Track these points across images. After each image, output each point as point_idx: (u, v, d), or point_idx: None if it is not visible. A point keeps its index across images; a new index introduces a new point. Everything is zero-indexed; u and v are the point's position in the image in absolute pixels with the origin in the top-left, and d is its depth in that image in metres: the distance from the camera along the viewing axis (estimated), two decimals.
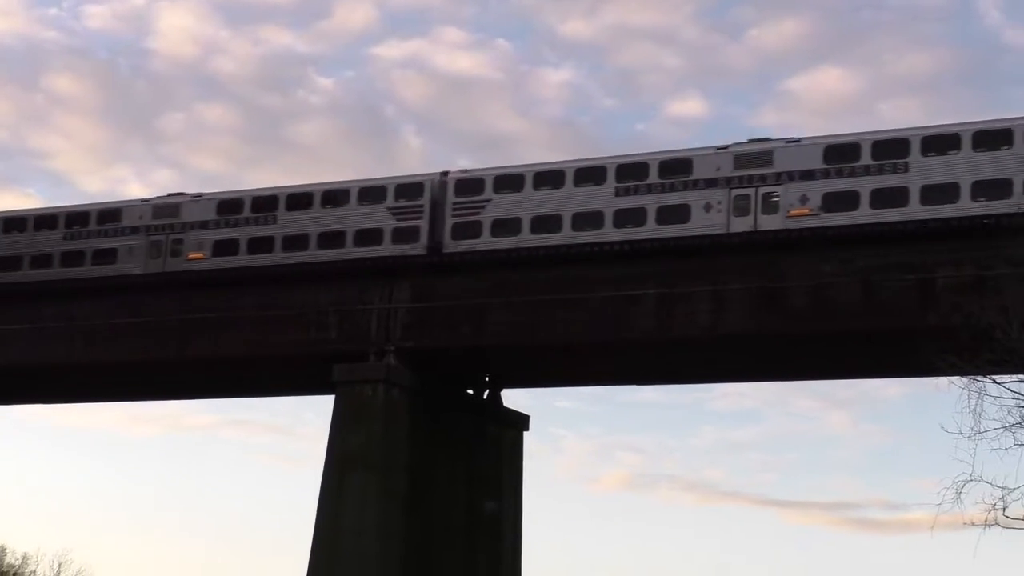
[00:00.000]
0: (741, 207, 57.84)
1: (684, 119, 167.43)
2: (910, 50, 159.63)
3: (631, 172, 60.15)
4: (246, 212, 67.57)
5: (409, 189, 64.57)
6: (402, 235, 63.83)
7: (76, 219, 71.83)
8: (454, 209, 63.23)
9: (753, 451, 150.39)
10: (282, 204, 66.98)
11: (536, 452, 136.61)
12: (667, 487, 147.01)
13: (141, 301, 68.44)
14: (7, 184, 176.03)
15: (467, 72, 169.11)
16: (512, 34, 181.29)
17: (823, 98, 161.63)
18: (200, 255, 67.80)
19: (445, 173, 64.52)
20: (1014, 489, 39.46)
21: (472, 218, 62.67)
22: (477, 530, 66.67)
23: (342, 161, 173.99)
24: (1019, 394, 40.32)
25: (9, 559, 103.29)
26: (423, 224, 63.66)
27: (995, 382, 40.96)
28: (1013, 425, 39.94)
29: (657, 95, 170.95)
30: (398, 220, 64.15)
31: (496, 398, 69.47)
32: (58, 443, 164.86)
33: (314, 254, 65.38)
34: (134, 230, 69.90)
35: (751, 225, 57.52)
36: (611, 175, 60.40)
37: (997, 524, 39.83)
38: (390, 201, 64.63)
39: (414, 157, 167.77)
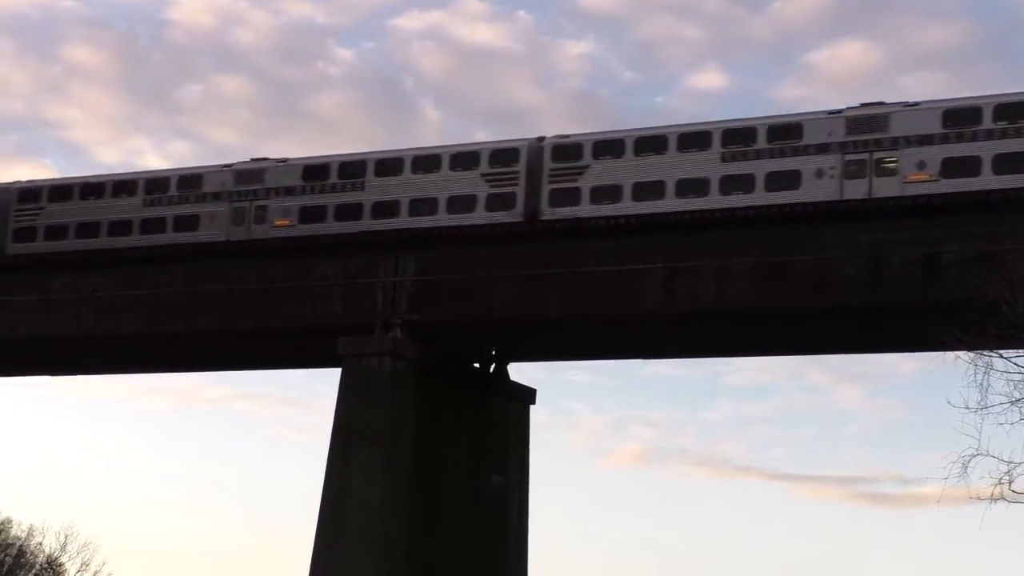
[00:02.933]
0: (854, 172, 56.98)
1: (704, 92, 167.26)
2: (931, 23, 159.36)
3: (738, 137, 59.21)
4: (333, 178, 66.87)
5: (504, 154, 63.65)
6: (497, 202, 63.14)
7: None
8: (551, 175, 62.59)
9: (767, 425, 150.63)
10: (371, 170, 66.14)
11: (550, 426, 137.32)
12: (680, 461, 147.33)
13: (149, 273, 68.51)
14: (23, 154, 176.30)
15: (487, 44, 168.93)
16: (533, 6, 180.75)
17: (844, 71, 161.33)
18: (286, 222, 67.26)
19: (541, 138, 63.59)
20: (1020, 463, 39.68)
21: (570, 184, 62.25)
22: (483, 504, 66.82)
23: (360, 133, 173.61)
24: None
25: (15, 531, 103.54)
26: (519, 191, 62.85)
27: (1001, 356, 41.14)
28: (1019, 400, 40.13)
29: (677, 68, 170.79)
30: (492, 187, 63.53)
31: (502, 372, 69.53)
32: (68, 414, 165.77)
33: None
34: (216, 196, 69.12)
35: (865, 192, 56.63)
36: (716, 140, 59.48)
37: (1003, 498, 40.05)
38: (484, 167, 63.86)
39: (432, 130, 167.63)
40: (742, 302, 57.08)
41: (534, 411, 71.41)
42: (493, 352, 69.14)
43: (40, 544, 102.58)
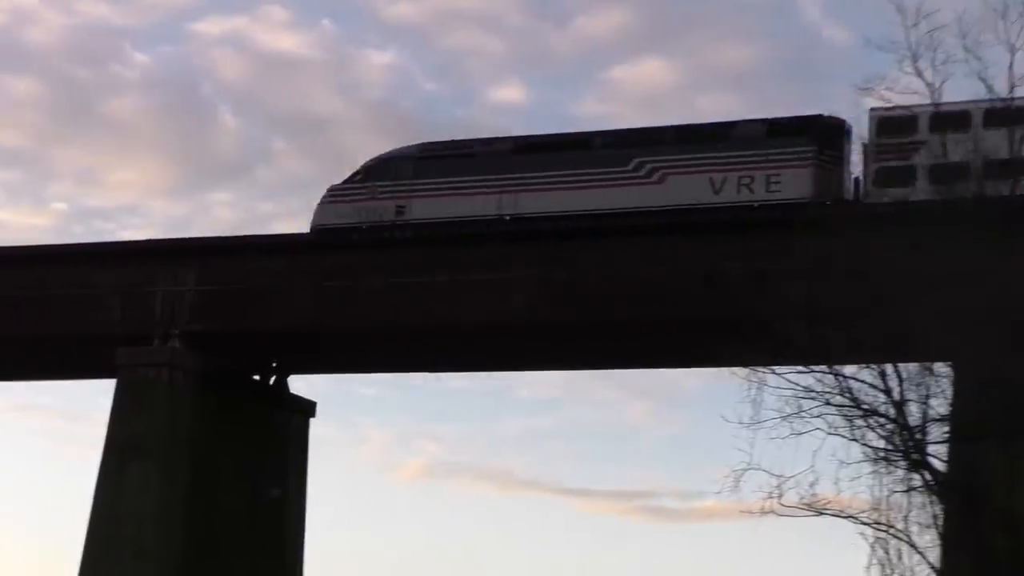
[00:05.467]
0: None
1: (505, 106, 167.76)
2: (731, 43, 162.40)
3: None
4: None
5: None
6: None
7: None
8: None
9: (554, 440, 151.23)
10: None
11: (338, 440, 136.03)
12: (466, 476, 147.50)
13: None
14: None
15: (289, 52, 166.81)
16: (338, 15, 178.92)
17: (644, 88, 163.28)
18: None
19: None
20: (790, 477, 40.01)
21: None
22: (261, 517, 65.71)
23: (154, 139, 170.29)
24: (796, 385, 40.85)
25: None
26: None
27: (774, 373, 41.47)
28: (789, 415, 40.47)
29: (479, 80, 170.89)
30: None
31: (282, 384, 68.56)
32: None
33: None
34: None
35: None
36: None
37: (773, 512, 40.36)
38: None
39: (230, 137, 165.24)
40: (522, 315, 57.12)
41: (323, 425, 70.79)
42: (274, 364, 68.17)
43: None
